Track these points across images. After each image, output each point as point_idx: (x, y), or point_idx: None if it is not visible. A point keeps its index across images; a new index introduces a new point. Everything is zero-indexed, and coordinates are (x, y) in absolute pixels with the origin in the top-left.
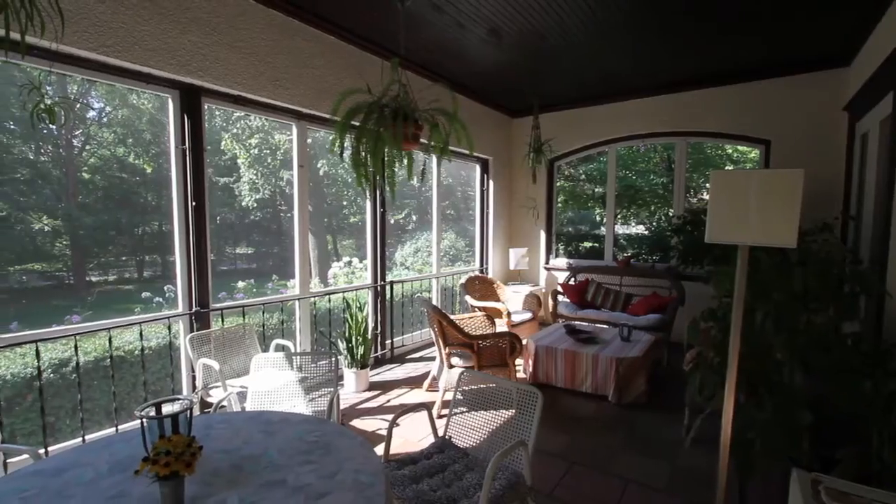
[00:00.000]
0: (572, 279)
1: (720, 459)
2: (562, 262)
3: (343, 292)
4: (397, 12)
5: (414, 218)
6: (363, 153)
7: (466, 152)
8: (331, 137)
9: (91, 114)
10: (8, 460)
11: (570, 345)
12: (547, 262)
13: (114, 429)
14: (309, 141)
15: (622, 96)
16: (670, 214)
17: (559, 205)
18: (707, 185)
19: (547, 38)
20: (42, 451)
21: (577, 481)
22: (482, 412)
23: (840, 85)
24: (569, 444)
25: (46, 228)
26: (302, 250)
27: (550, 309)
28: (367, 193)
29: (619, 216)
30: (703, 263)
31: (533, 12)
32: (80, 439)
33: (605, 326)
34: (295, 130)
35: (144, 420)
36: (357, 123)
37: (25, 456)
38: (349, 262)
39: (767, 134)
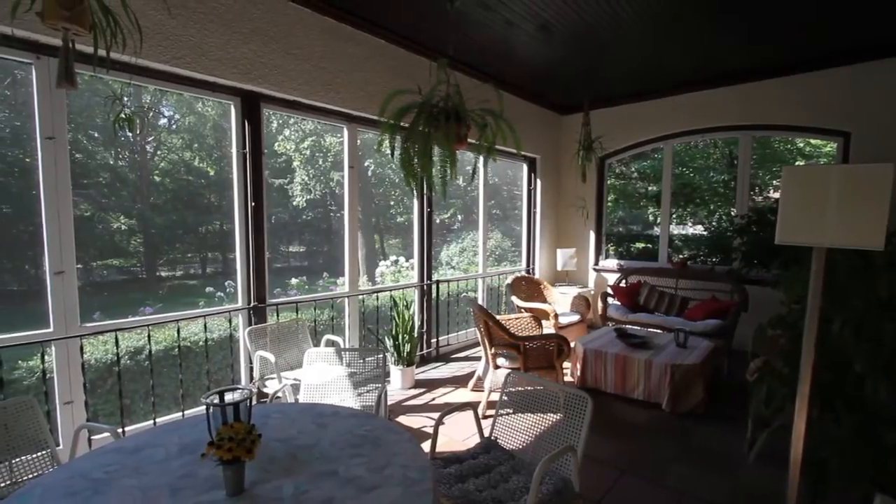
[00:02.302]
0: (623, 281)
1: (790, 478)
2: (612, 263)
3: (390, 290)
4: (446, 13)
5: (459, 217)
6: (412, 153)
7: (513, 151)
8: (379, 138)
9: (162, 121)
10: (92, 437)
11: (621, 349)
12: (596, 263)
13: (180, 413)
14: (358, 142)
15: (679, 89)
16: (732, 214)
17: (609, 204)
18: (774, 182)
19: (599, 32)
20: (120, 430)
21: (627, 491)
22: (528, 414)
23: None
24: (619, 452)
25: (123, 227)
26: (351, 249)
27: (600, 311)
28: (415, 193)
29: (674, 215)
30: (771, 266)
31: (584, 5)
32: (152, 422)
33: (658, 331)
34: (346, 133)
35: (210, 407)
36: (406, 125)
37: (106, 434)
38: (396, 261)
39: (847, 125)
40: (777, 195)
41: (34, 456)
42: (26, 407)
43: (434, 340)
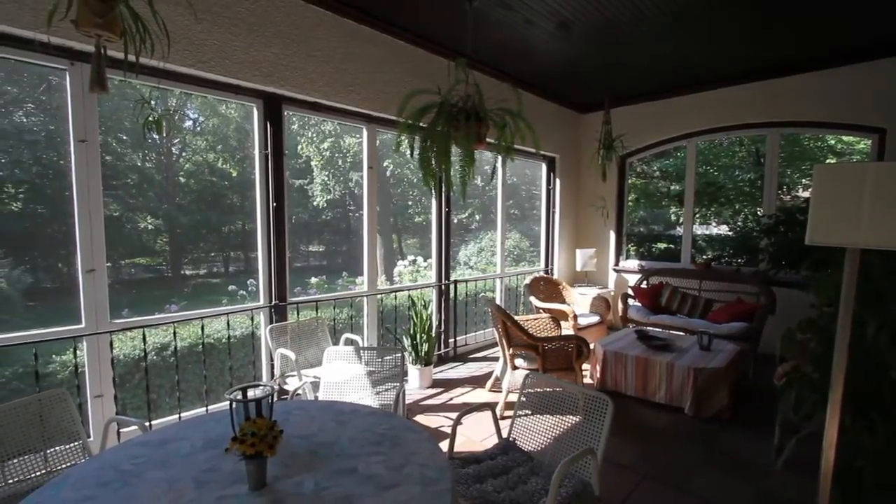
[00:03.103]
0: (644, 282)
1: (820, 488)
2: (632, 263)
3: (408, 290)
4: (465, 13)
5: (477, 217)
6: (431, 154)
7: (532, 150)
8: (398, 139)
9: (187, 123)
10: (121, 430)
11: (642, 351)
12: (616, 264)
13: (204, 409)
14: (377, 143)
15: (703, 86)
16: (759, 214)
17: (630, 203)
18: (803, 181)
19: (619, 28)
20: (147, 424)
21: (648, 496)
22: (547, 416)
23: None
24: (640, 457)
25: (150, 227)
26: (370, 249)
27: (620, 313)
28: (434, 193)
29: (697, 215)
30: (800, 268)
31: (605, 0)
32: (178, 416)
33: (681, 333)
34: (365, 133)
35: (233, 403)
36: (424, 125)
37: (134, 427)
38: (414, 261)
39: (882, 121)
40: (806, 194)
41: (67, 447)
42: (60, 399)
43: (452, 340)
